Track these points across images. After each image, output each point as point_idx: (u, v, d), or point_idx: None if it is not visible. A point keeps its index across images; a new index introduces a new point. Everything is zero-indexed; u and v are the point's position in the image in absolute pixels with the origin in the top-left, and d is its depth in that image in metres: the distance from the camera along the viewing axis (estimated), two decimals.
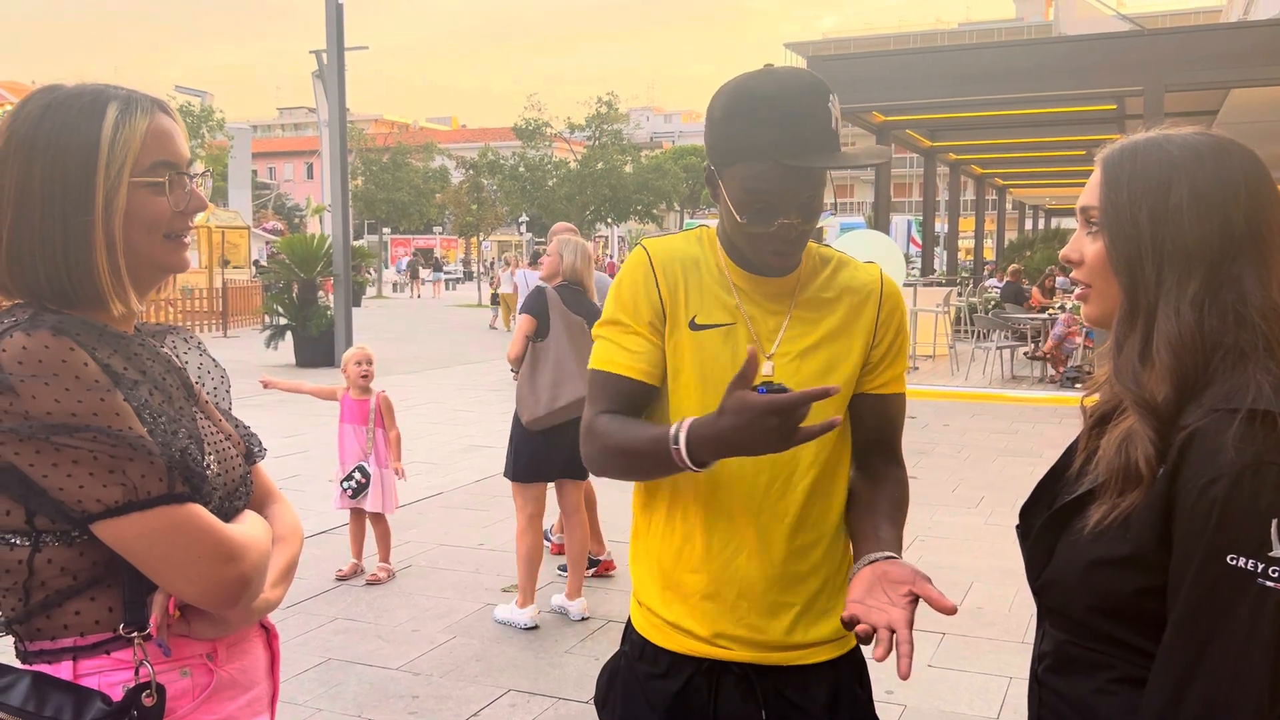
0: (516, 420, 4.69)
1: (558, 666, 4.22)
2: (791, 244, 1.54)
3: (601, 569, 5.45)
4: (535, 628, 4.64)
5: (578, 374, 4.46)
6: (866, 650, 1.72)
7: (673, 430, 1.45)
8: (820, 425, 1.36)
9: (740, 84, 1.52)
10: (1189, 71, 13.63)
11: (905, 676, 1.29)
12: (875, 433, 1.69)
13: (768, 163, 1.46)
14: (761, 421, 1.34)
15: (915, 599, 1.37)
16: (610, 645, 4.43)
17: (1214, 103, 15.32)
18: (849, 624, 1.35)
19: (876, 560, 1.45)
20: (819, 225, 1.67)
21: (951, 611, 1.31)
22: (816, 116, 1.47)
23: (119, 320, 1.34)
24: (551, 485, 4.85)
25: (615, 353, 1.62)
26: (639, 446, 1.52)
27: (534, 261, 15.46)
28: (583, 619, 4.77)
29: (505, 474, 4.80)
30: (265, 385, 5.57)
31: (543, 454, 4.61)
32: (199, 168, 1.40)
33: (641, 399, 1.62)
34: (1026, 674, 1.40)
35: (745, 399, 1.34)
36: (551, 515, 5.57)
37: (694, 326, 1.61)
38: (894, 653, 1.33)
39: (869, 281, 1.68)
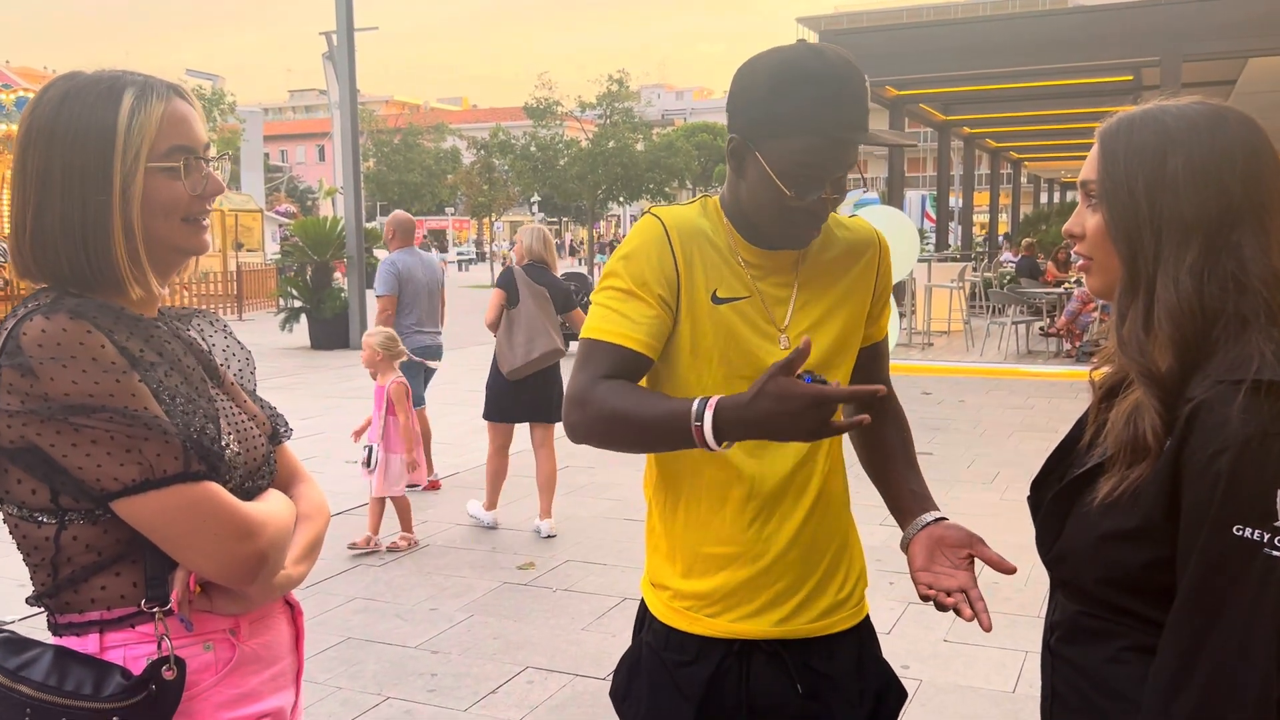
0: (495, 372, 5.80)
1: (575, 644, 4.25)
2: (822, 217, 1.58)
3: (429, 486, 6.82)
4: (495, 527, 5.87)
5: (545, 330, 5.64)
6: (896, 627, 1.75)
7: (695, 406, 1.41)
8: (851, 421, 1.35)
9: (785, 59, 1.52)
10: (1206, 41, 13.48)
11: (988, 628, 1.48)
12: (870, 376, 1.75)
13: (821, 137, 1.49)
14: (806, 411, 1.32)
15: (973, 560, 1.53)
16: (626, 623, 4.44)
17: (1232, 72, 15.15)
18: (928, 599, 1.52)
19: (928, 525, 1.60)
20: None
21: (1012, 571, 1.49)
22: (860, 96, 1.53)
23: (138, 304, 1.36)
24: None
25: (614, 321, 1.56)
26: (651, 418, 1.46)
27: None
28: (550, 536, 5.65)
29: (483, 415, 5.95)
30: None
31: (510, 400, 5.77)
32: (214, 152, 1.41)
33: (637, 371, 1.56)
34: (1036, 649, 1.40)
35: (792, 386, 1.31)
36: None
37: (717, 300, 1.60)
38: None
39: (866, 240, 1.72)
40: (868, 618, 1.73)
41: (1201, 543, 1.10)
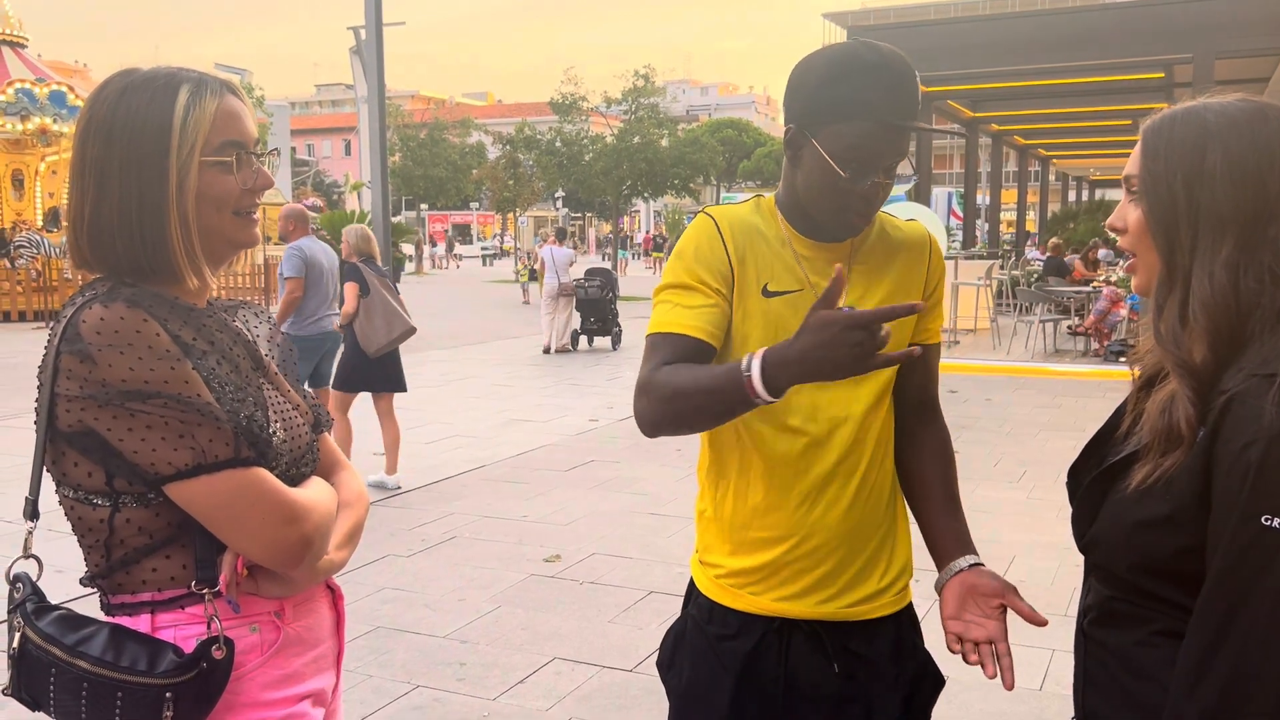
0: (352, 350, 6.70)
1: (601, 636, 4.29)
2: (875, 204, 1.61)
3: None
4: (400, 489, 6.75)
5: (398, 313, 6.72)
6: (922, 623, 1.77)
7: (744, 360, 1.41)
8: (901, 352, 1.33)
9: (843, 50, 1.59)
10: (1239, 38, 13.33)
11: (1010, 687, 1.52)
12: (920, 383, 1.75)
13: (873, 122, 1.53)
14: (845, 337, 1.30)
15: (1004, 609, 1.57)
16: (652, 616, 4.50)
17: (1265, 70, 14.97)
18: (956, 650, 1.57)
19: (962, 571, 1.62)
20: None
21: (1043, 624, 1.52)
22: (912, 85, 1.57)
23: (192, 294, 1.40)
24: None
25: (674, 314, 1.63)
26: (707, 385, 1.48)
27: (561, 238, 15.53)
28: (398, 488, 6.69)
29: (332, 386, 6.84)
30: None
31: (364, 374, 6.73)
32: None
33: (699, 358, 1.61)
34: (1069, 647, 1.43)
35: (828, 315, 1.31)
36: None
37: (767, 293, 1.64)
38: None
39: (919, 238, 1.75)
40: (910, 606, 1.75)
41: (1230, 531, 1.12)
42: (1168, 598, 1.23)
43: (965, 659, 1.57)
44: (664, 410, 1.55)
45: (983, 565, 1.63)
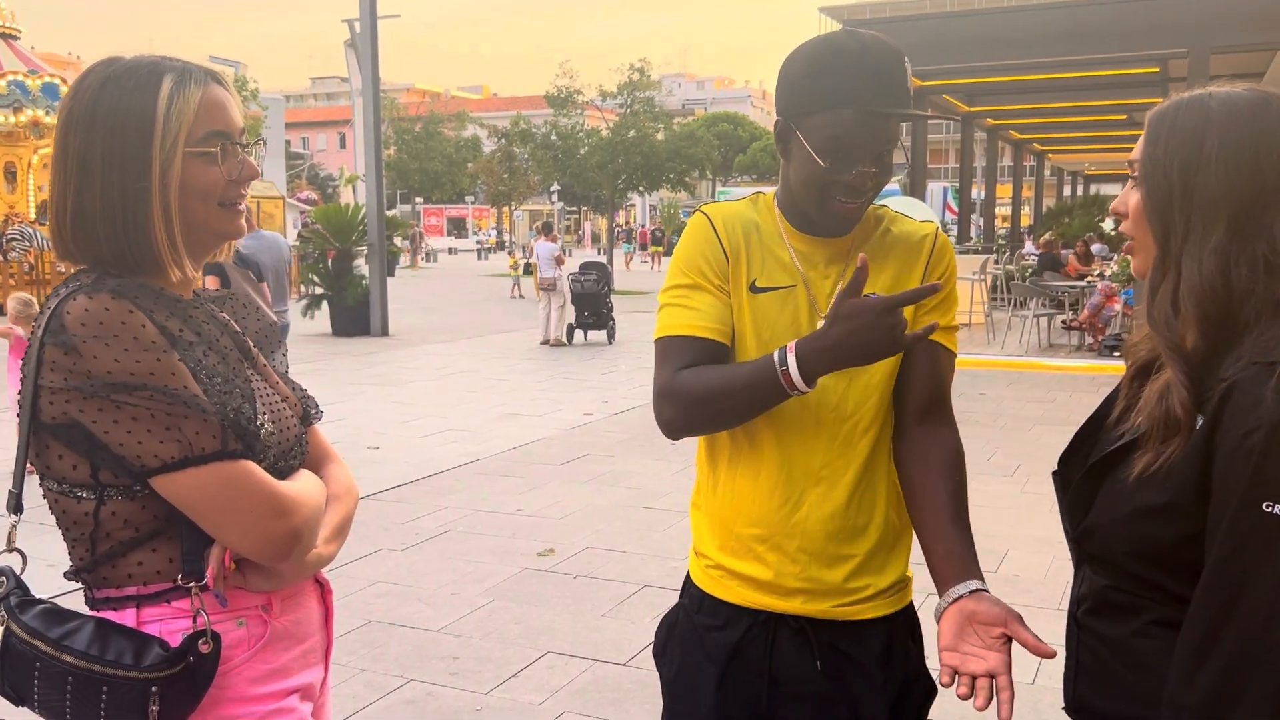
0: None
1: (595, 630, 4.28)
2: (864, 194, 1.58)
3: None
4: None
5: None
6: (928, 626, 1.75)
7: (776, 355, 1.49)
8: (922, 329, 1.46)
9: (823, 42, 1.58)
10: (1235, 33, 13.33)
11: None
12: (926, 386, 1.65)
13: (853, 110, 1.52)
14: (879, 321, 1.42)
15: (1009, 639, 1.44)
16: (645, 610, 4.49)
17: (1261, 65, 14.98)
18: (948, 683, 1.44)
19: (961, 598, 1.47)
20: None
21: (1050, 655, 1.37)
22: (897, 73, 1.55)
23: (176, 285, 1.38)
24: None
25: (681, 316, 1.62)
26: (739, 381, 1.53)
27: (548, 233, 15.61)
28: None
29: None
30: None
31: None
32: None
33: (714, 358, 1.60)
34: (1063, 641, 1.42)
35: (860, 303, 1.42)
36: None
37: (754, 289, 1.63)
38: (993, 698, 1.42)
39: (924, 236, 1.71)
40: (908, 609, 1.72)
41: (1230, 518, 1.12)
42: (1165, 587, 1.22)
43: (958, 694, 1.42)
44: (695, 413, 1.58)
45: (986, 591, 1.48)
